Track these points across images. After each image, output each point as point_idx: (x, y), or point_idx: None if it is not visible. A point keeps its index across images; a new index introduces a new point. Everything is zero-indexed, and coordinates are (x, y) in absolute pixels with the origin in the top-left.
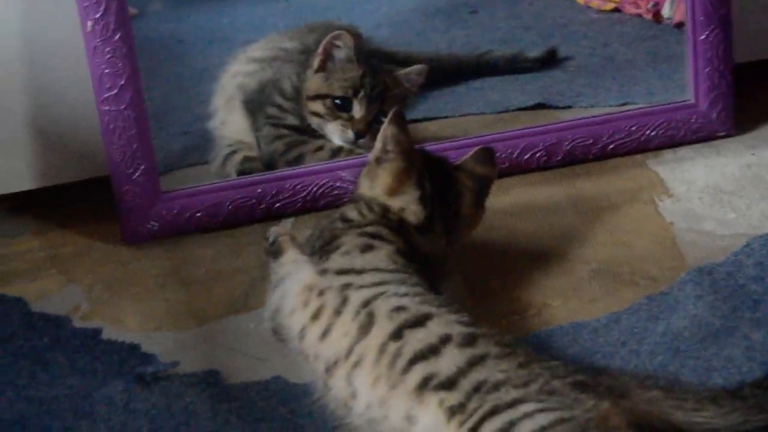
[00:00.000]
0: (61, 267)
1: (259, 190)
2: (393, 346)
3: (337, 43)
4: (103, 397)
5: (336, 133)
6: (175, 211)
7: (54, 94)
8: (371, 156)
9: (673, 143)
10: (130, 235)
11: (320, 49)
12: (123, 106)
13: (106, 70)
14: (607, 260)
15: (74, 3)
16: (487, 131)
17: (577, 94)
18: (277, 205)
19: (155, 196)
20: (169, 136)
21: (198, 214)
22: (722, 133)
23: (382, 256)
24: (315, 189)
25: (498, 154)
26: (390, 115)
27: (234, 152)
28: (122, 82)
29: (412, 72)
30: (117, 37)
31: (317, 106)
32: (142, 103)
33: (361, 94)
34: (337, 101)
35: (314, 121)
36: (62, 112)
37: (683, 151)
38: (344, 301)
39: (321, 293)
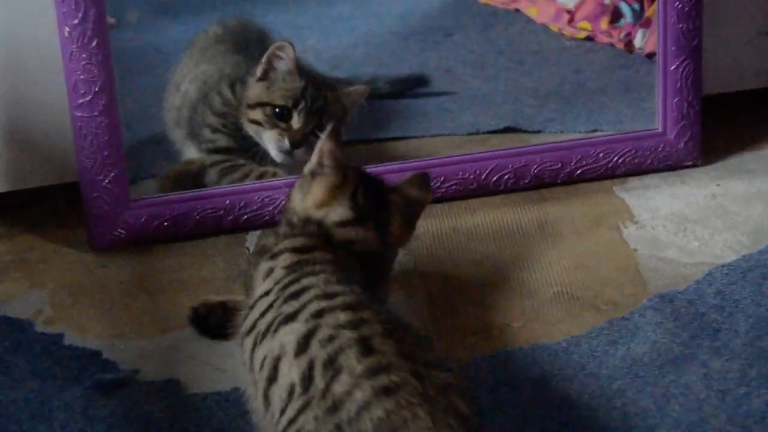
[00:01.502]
0: (25, 271)
1: (227, 202)
2: (263, 387)
3: (280, 54)
4: (62, 402)
5: (272, 142)
6: (142, 220)
7: (27, 98)
8: (306, 169)
9: (640, 171)
10: (96, 241)
11: (264, 59)
12: (96, 113)
13: (81, 77)
14: (570, 284)
15: (53, 8)
16: (457, 152)
17: (547, 119)
18: (245, 217)
19: (124, 203)
20: (140, 145)
21: (165, 223)
22: (689, 163)
23: (277, 272)
24: (283, 203)
25: (467, 175)
26: (327, 130)
27: None
28: (96, 89)
29: (354, 92)
30: (94, 44)
31: (257, 114)
32: (115, 110)
33: (302, 105)
34: (277, 110)
35: (252, 129)
36: (34, 116)
37: (649, 179)
38: (251, 361)
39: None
